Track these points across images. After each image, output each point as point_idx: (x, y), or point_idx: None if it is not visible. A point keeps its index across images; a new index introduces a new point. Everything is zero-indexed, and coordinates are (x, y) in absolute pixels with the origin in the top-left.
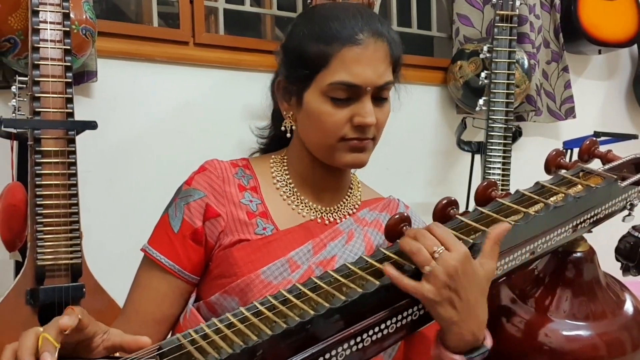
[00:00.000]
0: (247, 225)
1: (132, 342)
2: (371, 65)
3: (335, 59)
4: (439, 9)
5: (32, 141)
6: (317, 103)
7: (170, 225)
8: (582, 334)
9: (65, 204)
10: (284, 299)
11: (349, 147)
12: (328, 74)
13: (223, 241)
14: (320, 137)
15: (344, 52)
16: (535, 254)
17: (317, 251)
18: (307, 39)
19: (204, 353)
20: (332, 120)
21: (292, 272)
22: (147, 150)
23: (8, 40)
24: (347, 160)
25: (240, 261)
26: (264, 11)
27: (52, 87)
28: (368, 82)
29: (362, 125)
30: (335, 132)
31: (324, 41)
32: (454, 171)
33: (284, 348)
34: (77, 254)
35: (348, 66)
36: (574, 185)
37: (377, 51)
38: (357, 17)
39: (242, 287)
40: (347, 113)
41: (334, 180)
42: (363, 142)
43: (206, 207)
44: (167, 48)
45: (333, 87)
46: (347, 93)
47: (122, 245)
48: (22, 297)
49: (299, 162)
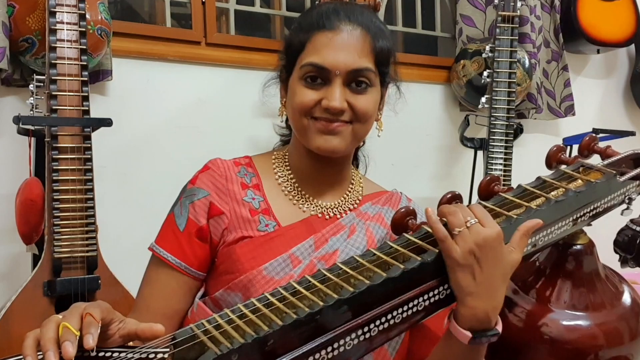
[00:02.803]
0: (250, 222)
1: (147, 330)
2: (343, 50)
3: (309, 43)
4: (442, 10)
5: (49, 138)
6: (294, 85)
7: (176, 223)
8: (582, 324)
9: (81, 198)
10: (294, 290)
11: (317, 128)
12: (303, 58)
13: (227, 238)
14: (293, 117)
15: (317, 36)
16: (537, 246)
17: (318, 246)
18: (294, 30)
19: (216, 343)
20: (302, 99)
21: (293, 268)
22: (160, 146)
23: (26, 40)
24: (318, 144)
25: (242, 258)
26: (273, 12)
27: (69, 85)
28: (337, 66)
29: (329, 108)
30: (303, 110)
31: (304, 29)
32: (457, 166)
33: (294, 338)
34: (92, 247)
35: (319, 49)
36: (574, 180)
37: (351, 37)
38: (339, 9)
39: (244, 283)
40: (317, 95)
41: (334, 174)
42: (332, 124)
43: (210, 205)
44: (179, 48)
45: (304, 68)
46: (318, 75)
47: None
48: (40, 289)
49: (297, 156)
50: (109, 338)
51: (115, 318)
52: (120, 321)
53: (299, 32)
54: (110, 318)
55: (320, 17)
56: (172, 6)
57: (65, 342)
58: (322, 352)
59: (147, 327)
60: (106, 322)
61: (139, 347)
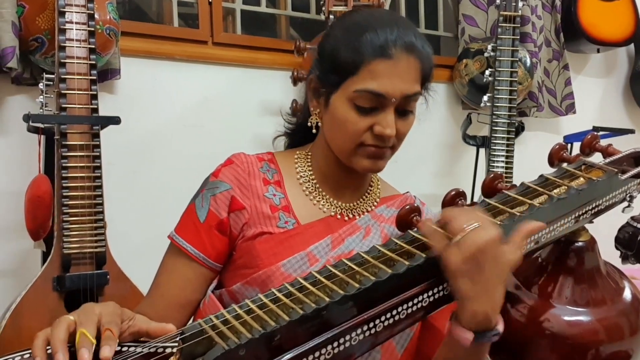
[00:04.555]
0: (270, 218)
1: (158, 329)
2: (400, 79)
3: (365, 68)
4: (445, 10)
5: (59, 135)
6: (343, 108)
7: (197, 214)
8: (583, 320)
9: (90, 195)
10: (301, 286)
11: (367, 153)
12: (356, 82)
13: (246, 233)
14: (341, 141)
15: (374, 63)
16: (539, 243)
17: (335, 246)
18: (341, 45)
19: (224, 338)
20: (354, 127)
21: (310, 266)
22: (167, 144)
23: (36, 39)
24: (364, 165)
25: (262, 254)
26: (279, 12)
27: (78, 84)
28: (394, 94)
29: (383, 136)
30: (355, 138)
31: (357, 50)
32: (459, 164)
33: (301, 333)
34: (101, 243)
35: (376, 77)
36: (576, 178)
37: (408, 67)
38: (392, 29)
39: (263, 278)
40: (368, 121)
41: (355, 180)
42: (381, 150)
43: (232, 199)
44: (186, 47)
45: (359, 94)
46: (372, 102)
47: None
48: (49, 284)
49: (322, 159)
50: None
51: (125, 315)
52: (130, 319)
53: (351, 52)
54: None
55: (377, 40)
56: (179, 6)
57: (82, 348)
58: (328, 347)
59: (158, 327)
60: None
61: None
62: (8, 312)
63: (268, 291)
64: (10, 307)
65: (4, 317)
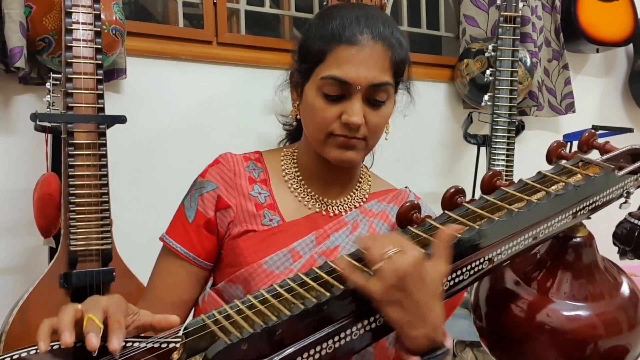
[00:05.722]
0: (255, 216)
1: (162, 321)
2: (365, 66)
3: (330, 55)
4: (446, 11)
5: (66, 134)
6: (312, 97)
7: (186, 215)
8: (582, 314)
9: (96, 193)
10: (302, 282)
11: (336, 142)
12: (323, 69)
13: (232, 231)
14: (312, 130)
15: (339, 49)
16: (538, 239)
17: (320, 242)
18: (312, 36)
19: (226, 332)
20: (322, 115)
21: (294, 262)
22: (172, 142)
23: (43, 39)
24: (334, 156)
25: (245, 251)
26: (282, 12)
27: (84, 83)
28: (358, 81)
29: (349, 124)
30: (324, 127)
31: (324, 39)
32: (461, 162)
33: (302, 328)
34: (107, 240)
35: (341, 63)
36: (573, 175)
37: (374, 53)
38: (360, 19)
39: (245, 276)
40: (337, 110)
41: (341, 175)
42: (350, 140)
43: (218, 198)
44: (191, 47)
45: (325, 81)
46: (338, 90)
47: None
48: (56, 281)
49: (307, 155)
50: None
51: (130, 310)
52: (135, 313)
53: (318, 41)
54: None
55: (342, 28)
56: (184, 7)
57: (90, 332)
58: (329, 342)
59: (162, 319)
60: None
61: (151, 337)
62: (16, 308)
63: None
64: (18, 303)
65: (12, 313)
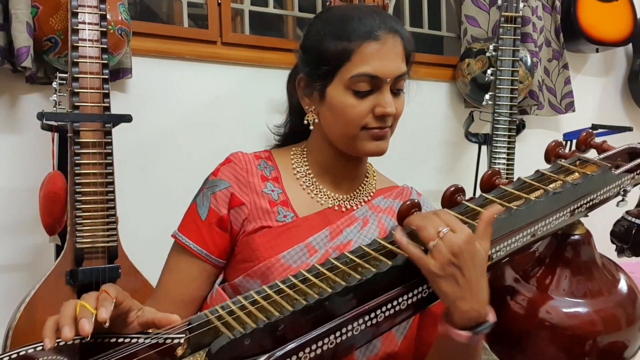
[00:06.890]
0: (269, 213)
1: (163, 319)
2: (390, 59)
3: (356, 53)
4: (448, 11)
5: (72, 133)
6: (341, 96)
7: (198, 213)
8: (581, 311)
9: (102, 191)
10: (304, 278)
11: (370, 135)
12: (350, 68)
13: (247, 228)
14: (343, 128)
15: (364, 47)
16: (536, 236)
17: (334, 236)
18: (326, 37)
19: (230, 328)
20: (355, 111)
21: (310, 257)
22: (177, 141)
23: (49, 39)
24: (369, 148)
25: (261, 247)
26: (286, 12)
27: (90, 83)
28: (388, 74)
29: (384, 115)
30: (358, 122)
31: (345, 38)
32: (462, 161)
33: (304, 323)
34: (113, 238)
35: (369, 60)
36: (571, 173)
37: (394, 46)
38: (373, 16)
39: (263, 270)
40: (368, 104)
41: (352, 170)
42: (383, 130)
43: (231, 196)
44: (196, 47)
45: (355, 79)
46: (369, 85)
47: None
48: (62, 278)
49: (319, 153)
50: (128, 325)
51: (134, 306)
52: (139, 309)
53: (339, 41)
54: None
55: (363, 26)
56: (189, 7)
57: (82, 319)
58: (330, 337)
59: (163, 317)
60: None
61: (156, 332)
62: (22, 305)
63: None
64: (25, 300)
65: (19, 310)
